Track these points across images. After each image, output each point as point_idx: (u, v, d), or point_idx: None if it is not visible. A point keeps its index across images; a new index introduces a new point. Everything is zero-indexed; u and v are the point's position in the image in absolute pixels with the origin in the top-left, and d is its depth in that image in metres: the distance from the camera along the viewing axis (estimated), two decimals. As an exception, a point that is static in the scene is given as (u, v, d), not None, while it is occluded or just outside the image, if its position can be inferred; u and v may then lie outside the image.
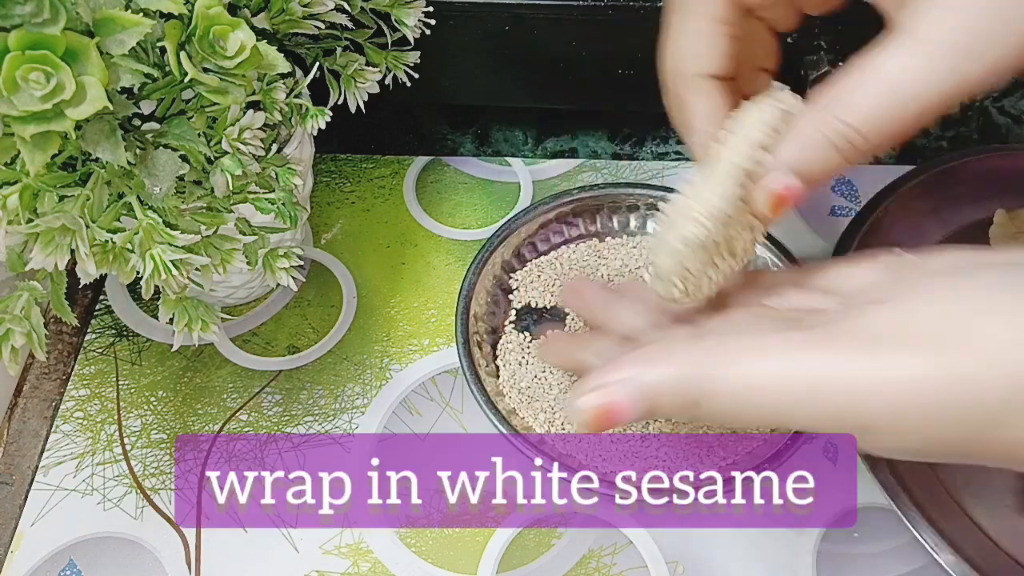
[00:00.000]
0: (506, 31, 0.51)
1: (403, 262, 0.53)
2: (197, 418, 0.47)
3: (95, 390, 0.48)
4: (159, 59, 0.33)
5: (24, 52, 0.27)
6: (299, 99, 0.41)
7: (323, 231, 0.55)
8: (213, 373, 0.49)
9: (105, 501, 0.44)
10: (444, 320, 0.51)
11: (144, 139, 0.34)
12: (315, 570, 0.42)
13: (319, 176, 0.57)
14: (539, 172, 0.58)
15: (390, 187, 0.57)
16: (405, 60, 0.46)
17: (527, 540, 0.43)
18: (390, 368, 0.49)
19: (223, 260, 0.37)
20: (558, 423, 0.45)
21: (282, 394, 0.48)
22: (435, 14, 0.44)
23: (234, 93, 0.33)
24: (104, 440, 0.46)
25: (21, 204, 0.32)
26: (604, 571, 0.42)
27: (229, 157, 0.36)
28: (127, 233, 0.33)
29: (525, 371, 0.48)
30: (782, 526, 0.44)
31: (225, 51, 0.31)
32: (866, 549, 0.43)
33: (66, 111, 0.28)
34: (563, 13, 0.50)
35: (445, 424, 0.47)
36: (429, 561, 0.43)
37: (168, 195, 0.34)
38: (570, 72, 0.54)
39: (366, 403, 0.48)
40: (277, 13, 0.38)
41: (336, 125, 0.42)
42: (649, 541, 0.43)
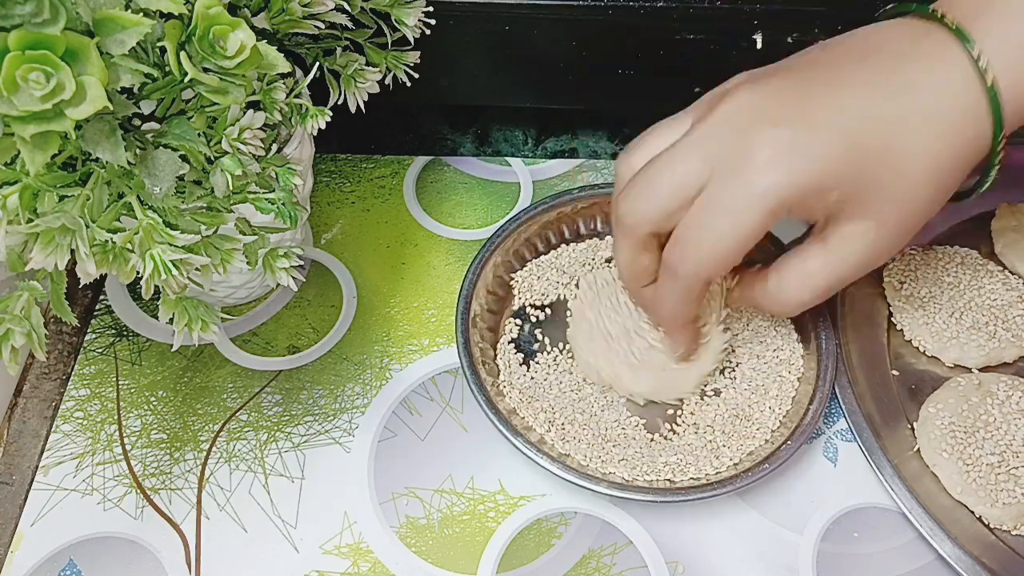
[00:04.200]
0: (506, 31, 0.51)
1: (403, 262, 0.53)
2: (197, 418, 0.47)
3: (95, 390, 0.48)
4: (159, 59, 0.33)
5: (24, 52, 0.27)
6: (299, 99, 0.41)
7: (323, 231, 0.55)
8: (213, 373, 0.49)
9: (105, 501, 0.44)
10: (444, 320, 0.51)
11: (144, 139, 0.34)
12: (315, 570, 0.42)
13: (319, 176, 0.57)
14: (539, 172, 0.58)
15: (390, 187, 0.57)
16: (405, 60, 0.46)
17: (527, 540, 0.43)
18: (390, 368, 0.49)
19: (223, 260, 0.37)
20: (558, 423, 0.45)
21: (282, 394, 0.48)
22: (435, 14, 0.44)
23: (234, 93, 0.33)
24: (104, 440, 0.46)
25: (21, 204, 0.32)
26: (604, 571, 0.42)
27: (229, 157, 0.36)
28: (127, 233, 0.33)
29: (525, 371, 0.48)
30: (782, 526, 0.44)
31: (225, 51, 0.31)
32: (866, 549, 0.43)
33: (66, 111, 0.28)
34: (563, 13, 0.50)
35: (445, 424, 0.47)
36: (429, 561, 0.43)
37: (168, 195, 0.34)
38: (570, 72, 0.54)
39: (366, 403, 0.48)
40: (277, 13, 0.38)
41: (336, 125, 0.42)
42: (649, 541, 0.43)
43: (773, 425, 0.45)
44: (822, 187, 0.36)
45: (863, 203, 0.37)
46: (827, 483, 0.45)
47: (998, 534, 0.42)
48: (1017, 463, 0.43)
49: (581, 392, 0.47)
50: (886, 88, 0.36)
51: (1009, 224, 0.52)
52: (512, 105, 0.59)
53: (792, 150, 0.35)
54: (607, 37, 0.52)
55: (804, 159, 0.35)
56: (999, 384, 0.46)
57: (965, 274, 0.50)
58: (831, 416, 0.47)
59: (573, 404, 0.46)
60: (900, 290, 0.50)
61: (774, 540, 0.43)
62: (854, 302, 0.49)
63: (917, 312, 0.49)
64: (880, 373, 0.48)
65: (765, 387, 0.47)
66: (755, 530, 0.44)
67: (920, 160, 0.36)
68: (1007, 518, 0.42)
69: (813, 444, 0.46)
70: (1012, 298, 0.49)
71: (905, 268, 0.50)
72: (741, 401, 0.46)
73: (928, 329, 0.48)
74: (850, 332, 0.48)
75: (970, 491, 0.43)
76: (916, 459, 0.44)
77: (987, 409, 0.45)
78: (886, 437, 0.44)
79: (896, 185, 0.36)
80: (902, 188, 0.36)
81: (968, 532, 0.42)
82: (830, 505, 0.44)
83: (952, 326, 0.48)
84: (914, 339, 0.49)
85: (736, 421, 0.46)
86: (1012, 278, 0.50)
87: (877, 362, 0.48)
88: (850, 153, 0.35)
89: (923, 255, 0.51)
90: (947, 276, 0.50)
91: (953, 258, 0.51)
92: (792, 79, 0.37)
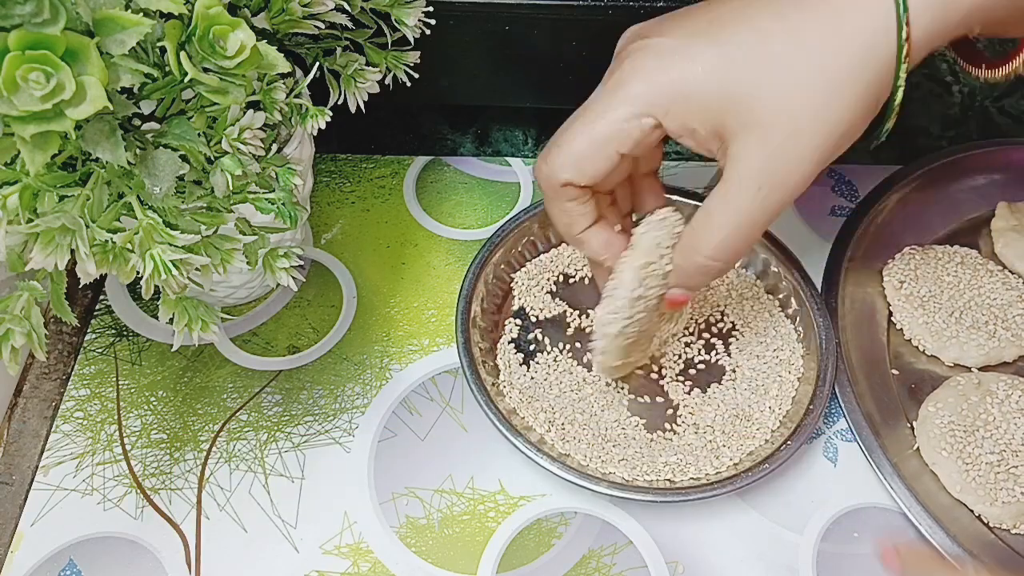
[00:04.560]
0: (506, 31, 0.51)
1: (403, 262, 0.53)
2: (197, 418, 0.47)
3: (95, 390, 0.48)
4: (159, 59, 0.33)
5: (24, 52, 0.27)
6: (299, 99, 0.41)
7: (323, 231, 0.55)
8: (213, 373, 0.49)
9: (105, 501, 0.44)
10: (444, 320, 0.51)
11: (144, 139, 0.34)
12: (315, 570, 0.42)
13: (319, 176, 0.57)
14: (539, 172, 0.58)
15: (390, 187, 0.57)
16: (405, 60, 0.46)
17: (527, 540, 0.43)
18: (390, 368, 0.49)
19: (223, 260, 0.37)
20: (558, 423, 0.45)
21: (282, 394, 0.48)
22: (435, 14, 0.44)
23: (234, 93, 0.33)
24: (104, 440, 0.46)
25: (21, 204, 0.32)
26: (604, 571, 0.42)
27: (229, 157, 0.36)
28: (127, 233, 0.33)
29: (525, 371, 0.48)
30: (782, 526, 0.44)
31: (225, 51, 0.31)
32: (866, 549, 0.43)
33: (66, 111, 0.28)
34: (563, 13, 0.50)
35: (445, 424, 0.47)
36: (429, 561, 0.43)
37: (168, 195, 0.34)
38: (570, 72, 0.54)
39: (366, 403, 0.48)
40: (277, 13, 0.38)
41: (336, 125, 0.42)
42: (649, 541, 0.43)
43: (773, 425, 0.45)
44: (689, 95, 0.35)
45: (747, 120, 0.34)
46: (827, 483, 0.45)
47: (997, 533, 0.42)
48: (1016, 462, 0.43)
49: (581, 392, 0.47)
50: (773, 5, 0.35)
51: (1009, 223, 0.52)
52: (512, 105, 0.59)
53: (658, 55, 0.35)
54: (607, 37, 0.52)
55: (670, 65, 0.35)
56: (999, 383, 0.46)
57: (965, 273, 0.50)
58: (831, 416, 0.47)
59: (573, 404, 0.46)
60: (900, 289, 0.50)
61: (774, 540, 0.43)
62: (854, 302, 0.49)
63: (917, 311, 0.49)
64: (880, 372, 0.48)
65: (765, 387, 0.47)
66: (755, 530, 0.44)
67: (813, 75, 0.34)
68: (1006, 517, 0.42)
69: (813, 444, 0.46)
70: (1012, 297, 0.49)
71: (905, 267, 0.50)
72: (741, 401, 0.46)
73: (928, 328, 0.48)
74: (850, 332, 0.48)
75: (970, 490, 0.43)
76: (916, 458, 0.44)
77: (987, 408, 0.45)
78: (886, 436, 0.44)
79: (782, 99, 0.34)
80: (790, 103, 0.34)
81: (968, 531, 0.42)
82: (830, 505, 0.44)
83: (952, 325, 0.48)
84: (914, 338, 0.49)
85: (736, 421, 0.46)
86: (1012, 277, 0.50)
87: (877, 361, 0.48)
88: (725, 62, 0.34)
89: (923, 254, 0.51)
90: (947, 275, 0.50)
91: (953, 257, 0.51)
92: (678, 14, 0.37)
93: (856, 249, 0.51)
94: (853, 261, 0.51)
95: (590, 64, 0.54)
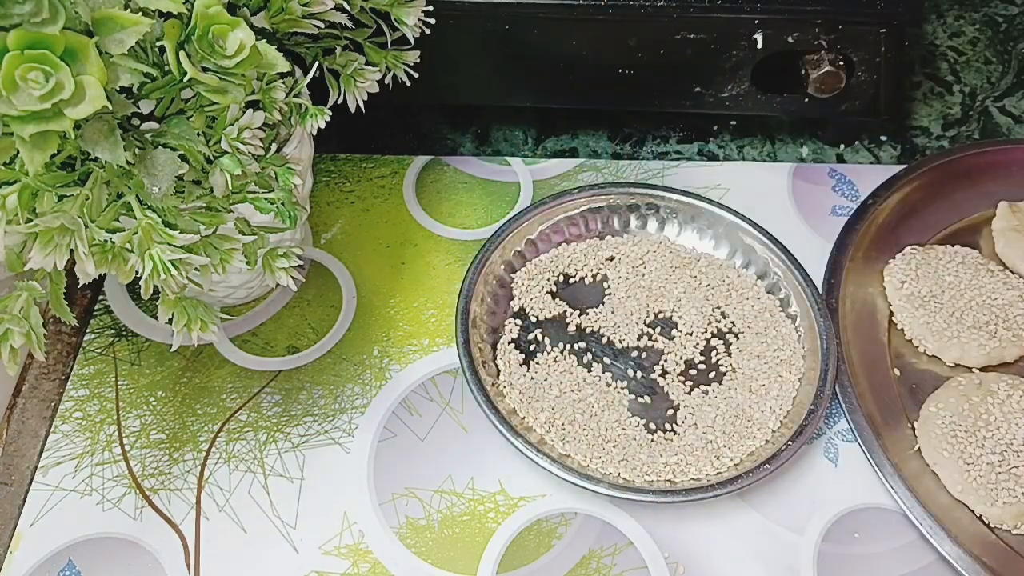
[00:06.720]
0: (506, 31, 0.51)
1: (403, 262, 0.53)
2: (197, 418, 0.47)
3: (94, 390, 0.48)
4: (158, 58, 0.33)
5: (23, 51, 0.27)
6: (299, 98, 0.41)
7: (323, 231, 0.55)
8: (212, 373, 0.49)
9: (104, 501, 0.44)
10: (444, 320, 0.51)
11: (143, 139, 0.34)
12: (315, 570, 0.42)
13: (319, 176, 0.57)
14: (539, 172, 0.58)
15: (390, 187, 0.57)
16: (405, 60, 0.46)
17: (527, 540, 0.43)
18: (390, 368, 0.49)
19: (222, 260, 0.37)
20: (558, 423, 0.45)
21: (282, 394, 0.48)
22: (435, 14, 0.44)
23: (233, 92, 0.33)
24: (103, 440, 0.46)
25: (20, 204, 0.32)
26: (604, 571, 0.42)
27: (228, 157, 0.36)
28: (126, 233, 0.33)
29: (525, 371, 0.48)
30: (783, 526, 0.44)
31: (224, 50, 0.31)
32: (866, 549, 0.43)
33: (65, 111, 0.28)
34: (563, 13, 0.50)
35: (445, 424, 0.47)
36: (429, 562, 0.43)
37: (167, 195, 0.34)
38: (570, 72, 0.54)
39: (366, 403, 0.48)
40: (276, 12, 0.38)
41: (336, 125, 0.42)
42: (649, 541, 0.43)
43: (774, 425, 0.45)
44: None
45: None
46: (828, 483, 0.45)
47: (999, 533, 0.42)
48: (1018, 462, 0.43)
49: (581, 392, 0.47)
50: None
51: (1010, 223, 0.52)
52: (512, 105, 0.59)
53: None
54: (607, 37, 0.52)
55: None
56: (1000, 383, 0.46)
57: (966, 273, 0.50)
58: (832, 416, 0.47)
59: (573, 404, 0.46)
60: (901, 289, 0.50)
61: (774, 540, 0.43)
62: (855, 302, 0.49)
63: (918, 311, 0.49)
64: (881, 373, 0.48)
65: (766, 387, 0.47)
66: (755, 530, 0.43)
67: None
68: (1008, 517, 0.42)
69: (814, 444, 0.46)
70: (1013, 297, 0.49)
71: (906, 267, 0.50)
72: (741, 401, 0.46)
73: (929, 328, 0.48)
74: (851, 332, 0.48)
75: (971, 490, 0.43)
76: (917, 458, 0.44)
77: (988, 408, 0.45)
78: (887, 437, 0.44)
79: None
80: None
81: (969, 531, 0.42)
82: (831, 505, 0.44)
83: (953, 325, 0.48)
84: (915, 339, 0.49)
85: (736, 421, 0.45)
86: (1013, 277, 0.50)
87: (878, 362, 0.48)
88: None
89: (924, 254, 0.51)
90: (948, 275, 0.50)
91: (954, 257, 0.51)
92: None
93: (857, 249, 0.51)
94: (854, 261, 0.50)
95: (590, 64, 0.54)
